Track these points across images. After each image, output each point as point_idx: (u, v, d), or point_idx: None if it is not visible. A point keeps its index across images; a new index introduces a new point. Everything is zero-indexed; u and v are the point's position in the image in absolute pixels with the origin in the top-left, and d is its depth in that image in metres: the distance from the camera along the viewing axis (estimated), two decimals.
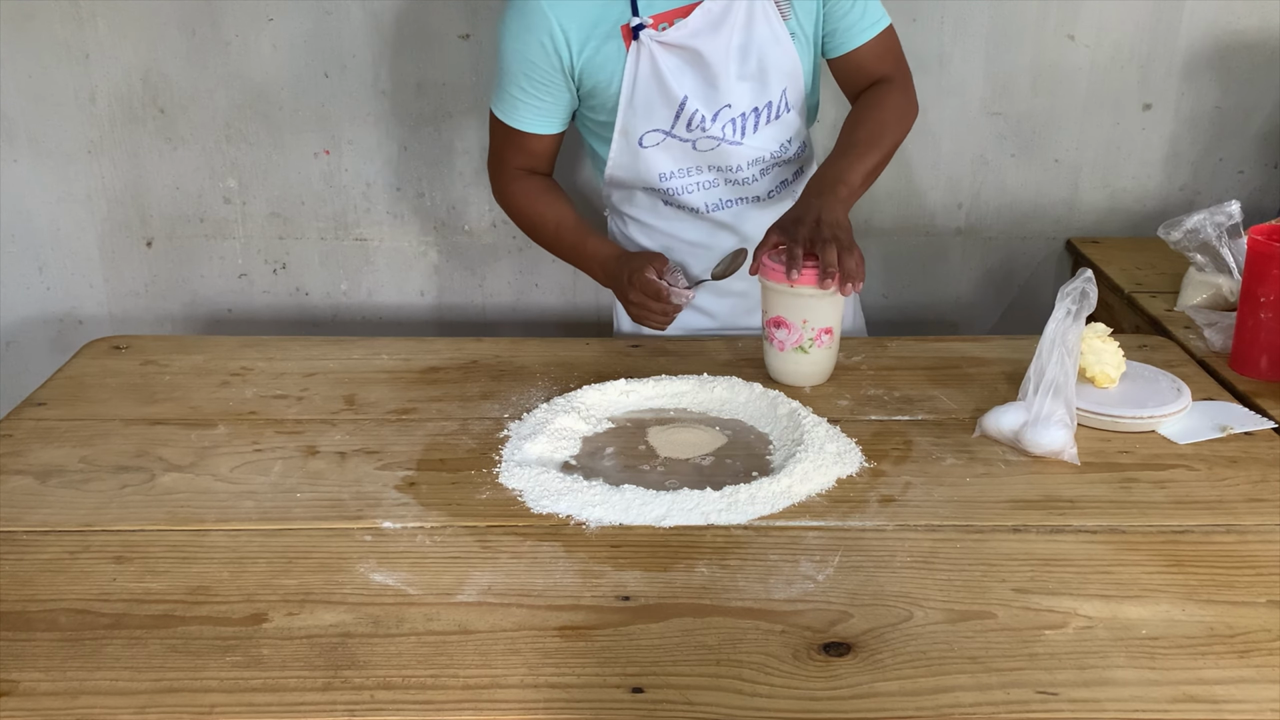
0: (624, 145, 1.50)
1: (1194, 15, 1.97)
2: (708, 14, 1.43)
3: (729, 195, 1.56)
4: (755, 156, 1.53)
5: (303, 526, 1.10)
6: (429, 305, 2.16)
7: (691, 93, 1.45)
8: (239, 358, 1.50)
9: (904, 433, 1.29)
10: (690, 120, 1.47)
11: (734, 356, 1.49)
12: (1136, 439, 1.27)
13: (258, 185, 2.06)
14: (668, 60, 1.43)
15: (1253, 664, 0.90)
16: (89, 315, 2.15)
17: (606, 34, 1.42)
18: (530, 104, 1.49)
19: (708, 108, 1.47)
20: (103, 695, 0.87)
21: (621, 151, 1.51)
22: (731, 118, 1.49)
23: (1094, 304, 1.21)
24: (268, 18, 1.94)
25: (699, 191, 1.56)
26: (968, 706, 0.86)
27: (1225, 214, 1.65)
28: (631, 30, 1.42)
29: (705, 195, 1.56)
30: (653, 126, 1.48)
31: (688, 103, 1.45)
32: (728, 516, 1.10)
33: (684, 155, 1.51)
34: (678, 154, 1.51)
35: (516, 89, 1.48)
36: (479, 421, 1.32)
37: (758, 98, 1.49)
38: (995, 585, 1.00)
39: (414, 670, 0.90)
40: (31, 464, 1.22)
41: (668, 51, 1.43)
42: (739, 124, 1.49)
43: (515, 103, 1.50)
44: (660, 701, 0.87)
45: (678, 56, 1.44)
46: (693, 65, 1.45)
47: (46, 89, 1.99)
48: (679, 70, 1.44)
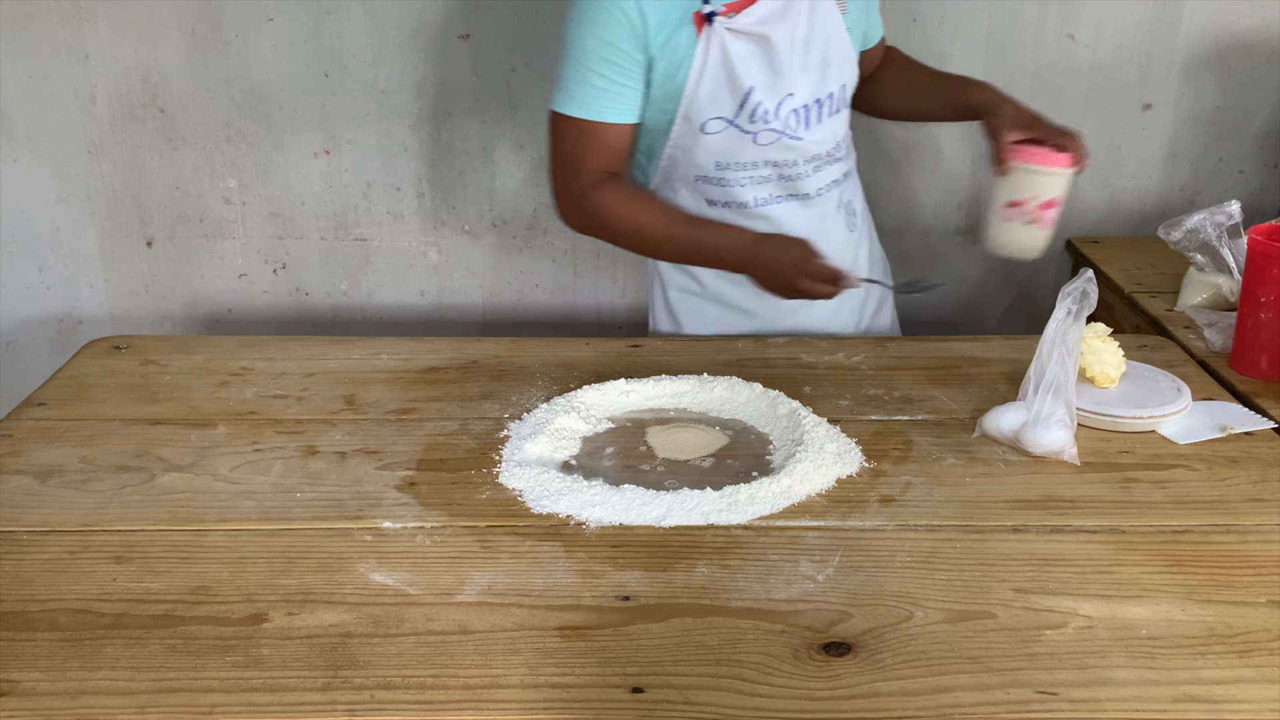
0: (685, 130, 1.48)
1: (1194, 15, 1.97)
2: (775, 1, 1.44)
3: (779, 191, 1.54)
4: (813, 153, 1.53)
5: (303, 526, 1.10)
6: (429, 305, 2.16)
7: (758, 83, 1.45)
8: (239, 358, 1.50)
9: (904, 433, 1.29)
10: (754, 111, 1.46)
11: (734, 356, 1.49)
12: (1136, 439, 1.27)
13: (258, 185, 2.06)
14: (737, 48, 1.43)
15: (1253, 664, 0.90)
16: (89, 315, 2.15)
17: (680, 20, 1.41)
18: (611, 90, 1.43)
19: (771, 98, 1.47)
20: (103, 695, 0.87)
21: (682, 135, 1.49)
22: (794, 108, 1.49)
23: (1094, 304, 1.21)
24: (268, 18, 1.94)
25: (750, 186, 1.54)
26: (968, 706, 0.86)
27: (1225, 214, 1.65)
28: (704, 17, 1.41)
29: (755, 190, 1.54)
30: (716, 114, 1.47)
31: (753, 94, 1.45)
32: (728, 516, 1.10)
33: (742, 147, 1.50)
34: (736, 145, 1.50)
35: (595, 76, 1.42)
36: (479, 421, 1.32)
37: (819, 89, 1.50)
38: (995, 585, 1.00)
39: (414, 670, 0.90)
40: (31, 464, 1.22)
41: (737, 39, 1.43)
42: (801, 115, 1.50)
43: (594, 92, 1.43)
44: (660, 701, 0.87)
45: (746, 44, 1.44)
46: (761, 53, 1.45)
47: (46, 89, 1.99)
48: (747, 59, 1.44)
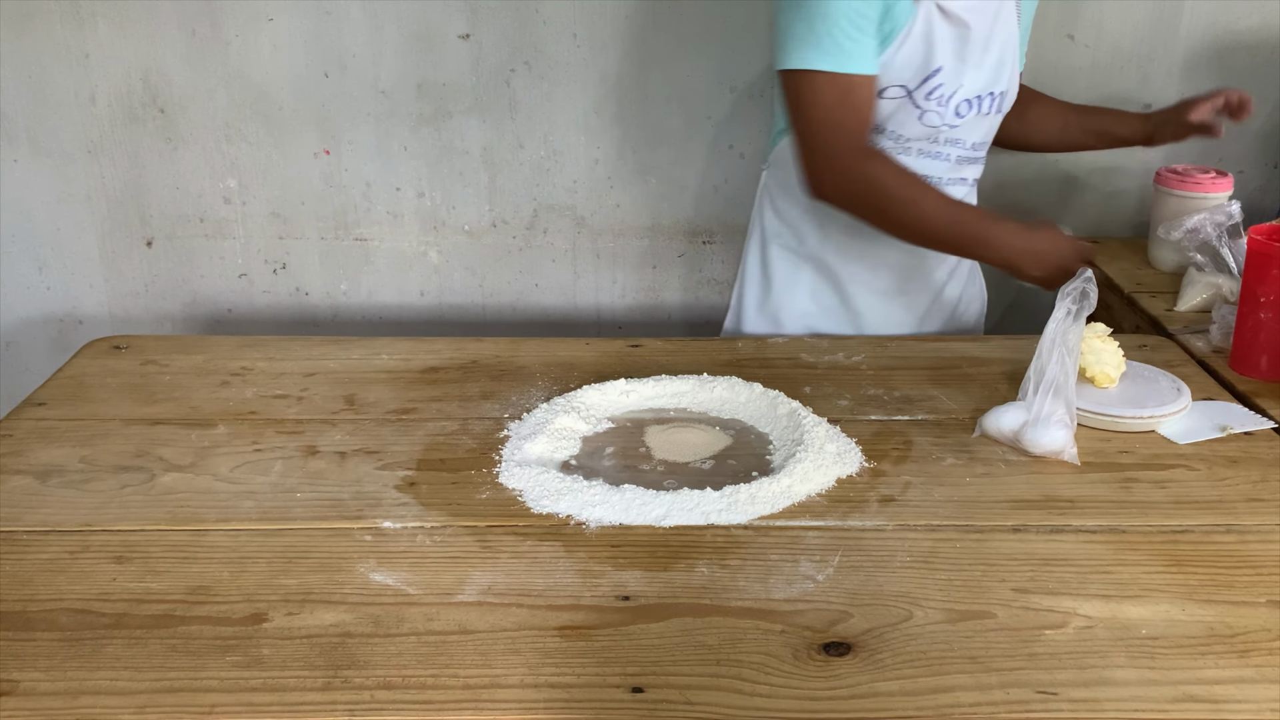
0: None
1: (1194, 15, 1.97)
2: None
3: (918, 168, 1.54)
4: (961, 143, 1.54)
5: (303, 526, 1.10)
6: (429, 305, 2.17)
7: (947, 65, 1.46)
8: (239, 358, 1.50)
9: (904, 433, 1.29)
10: (932, 91, 1.47)
11: (734, 356, 1.49)
12: (1136, 439, 1.27)
13: (258, 185, 2.06)
14: (941, 27, 1.44)
15: (1253, 664, 0.90)
16: (89, 315, 2.15)
17: None
18: (860, 40, 1.40)
19: (952, 83, 1.48)
20: (103, 695, 0.87)
21: None
22: (966, 97, 1.50)
23: (1094, 304, 1.21)
24: (268, 18, 1.94)
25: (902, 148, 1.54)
26: (968, 706, 0.86)
27: (1225, 214, 1.65)
28: None
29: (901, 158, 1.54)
30: (899, 82, 1.47)
31: (938, 74, 1.46)
32: (728, 516, 1.10)
33: (907, 120, 1.50)
34: (902, 115, 1.50)
35: (847, 26, 1.38)
36: (479, 421, 1.32)
37: (991, 84, 1.52)
38: (995, 585, 1.00)
39: (414, 670, 0.90)
40: (31, 464, 1.22)
41: (942, 19, 1.44)
42: (973, 104, 1.51)
43: (848, 44, 1.39)
44: (660, 701, 0.87)
45: (949, 26, 1.45)
46: (958, 38, 1.46)
47: (46, 89, 1.99)
48: (946, 39, 1.45)
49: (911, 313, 1.67)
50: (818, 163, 1.44)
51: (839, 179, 1.43)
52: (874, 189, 1.42)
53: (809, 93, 1.41)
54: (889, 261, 1.63)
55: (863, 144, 1.44)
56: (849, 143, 1.42)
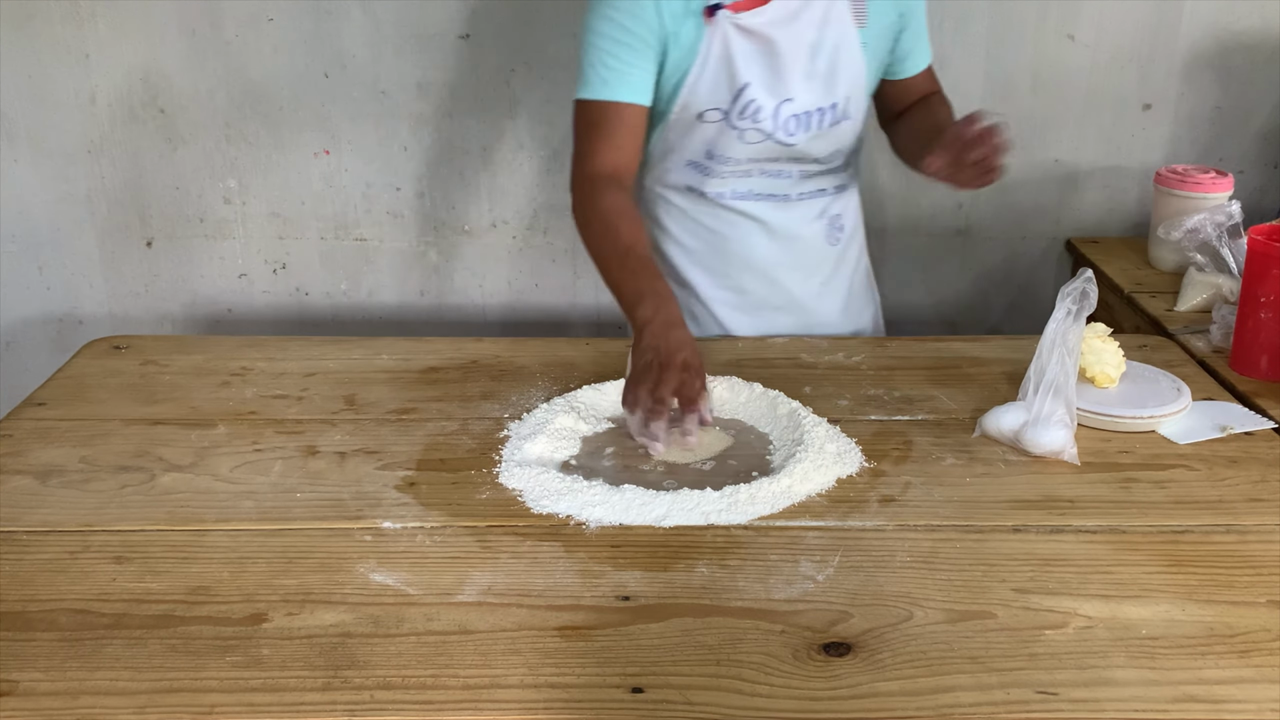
0: (683, 117, 1.50)
1: (1194, 15, 1.97)
2: (787, 5, 1.44)
3: (759, 189, 1.56)
4: (804, 158, 1.54)
5: (303, 526, 1.10)
6: (429, 305, 2.17)
7: (755, 80, 1.46)
8: (239, 358, 1.50)
9: (904, 433, 1.29)
10: (746, 108, 1.47)
11: (734, 356, 1.49)
12: (1136, 439, 1.27)
13: (258, 185, 2.06)
14: (740, 45, 1.44)
15: (1253, 664, 0.90)
16: (89, 315, 2.15)
17: (692, 10, 1.43)
18: (623, 70, 1.44)
19: (770, 98, 1.47)
20: (103, 695, 0.87)
21: (680, 122, 1.51)
22: (794, 113, 1.49)
23: (1094, 304, 1.21)
24: (268, 18, 1.94)
25: (731, 179, 1.55)
26: (968, 706, 0.86)
27: (1225, 214, 1.65)
28: (709, 9, 1.42)
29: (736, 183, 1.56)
30: (714, 105, 1.48)
31: (748, 89, 1.46)
32: (728, 516, 1.10)
33: (730, 142, 1.51)
34: (725, 138, 1.51)
35: (609, 58, 1.44)
36: (479, 421, 1.32)
37: (822, 98, 1.50)
38: (995, 585, 1.00)
39: (414, 670, 0.90)
40: (31, 464, 1.22)
41: (741, 36, 1.44)
42: (802, 120, 1.50)
43: (607, 73, 1.44)
44: (660, 701, 0.87)
45: (750, 43, 1.45)
46: (763, 54, 1.46)
47: (46, 89, 1.99)
48: (748, 56, 1.45)
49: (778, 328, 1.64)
50: (571, 186, 1.49)
51: (575, 205, 1.48)
52: (587, 220, 1.45)
53: (574, 122, 1.48)
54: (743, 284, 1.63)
55: (600, 175, 1.45)
56: (588, 172, 1.46)
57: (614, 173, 1.46)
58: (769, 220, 1.58)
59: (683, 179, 1.58)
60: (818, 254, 1.63)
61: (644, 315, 1.31)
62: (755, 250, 1.60)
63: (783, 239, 1.60)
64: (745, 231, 1.59)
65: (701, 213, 1.60)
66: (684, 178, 1.58)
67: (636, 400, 1.23)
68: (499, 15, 1.95)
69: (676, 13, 1.43)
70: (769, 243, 1.60)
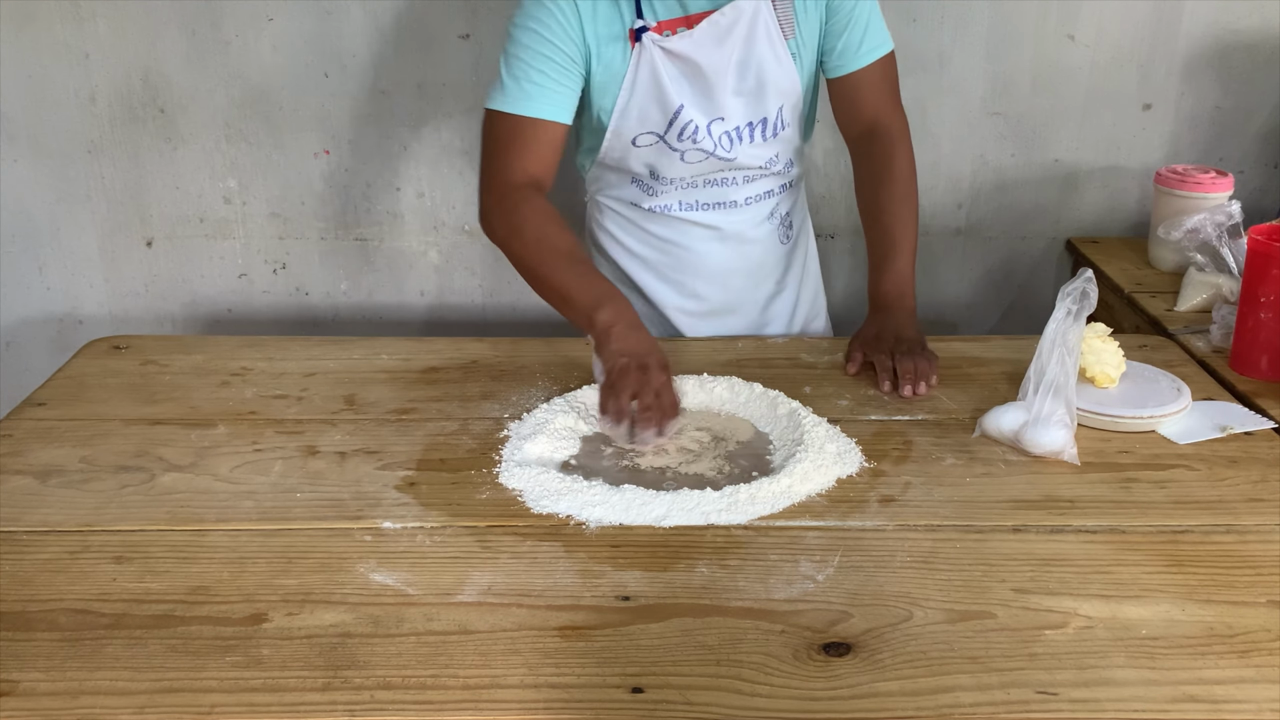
0: (616, 142, 1.50)
1: (1194, 15, 1.97)
2: (714, 27, 1.43)
3: (706, 199, 1.56)
4: (745, 166, 1.54)
5: (303, 526, 1.10)
6: (429, 305, 2.16)
7: (688, 101, 1.46)
8: (239, 358, 1.50)
9: (904, 433, 1.29)
10: (683, 130, 1.47)
11: (734, 356, 1.49)
12: (1136, 439, 1.27)
13: (258, 185, 2.06)
14: (668, 68, 1.44)
15: (1253, 664, 0.90)
16: (89, 315, 2.15)
17: (616, 35, 1.43)
18: (546, 86, 1.41)
19: (703, 117, 1.47)
20: (103, 695, 0.87)
21: (614, 147, 1.51)
22: (726, 130, 1.49)
23: (1094, 304, 1.21)
24: (268, 18, 1.94)
25: (676, 191, 1.55)
26: (968, 706, 0.86)
27: (1225, 214, 1.65)
28: (635, 33, 1.42)
29: (683, 195, 1.56)
30: (647, 129, 1.48)
31: (683, 111, 1.45)
32: (728, 516, 1.10)
33: (671, 162, 1.52)
34: (665, 159, 1.51)
35: (533, 73, 1.40)
36: (479, 421, 1.32)
37: (753, 112, 1.49)
38: (995, 585, 1.00)
39: (414, 670, 0.90)
40: (31, 464, 1.22)
41: (669, 59, 1.43)
42: (734, 136, 1.49)
43: (530, 88, 1.41)
44: (660, 701, 0.87)
45: (677, 65, 1.44)
46: (690, 76, 1.45)
47: (46, 89, 1.99)
48: (677, 79, 1.45)
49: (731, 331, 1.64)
50: (480, 199, 1.45)
51: (493, 217, 1.43)
52: (514, 228, 1.41)
53: (486, 129, 1.45)
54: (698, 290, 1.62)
55: (519, 184, 1.42)
56: (504, 182, 1.43)
57: (533, 181, 1.43)
58: (721, 226, 1.58)
59: (628, 195, 1.58)
60: (772, 255, 1.64)
61: (605, 319, 1.30)
62: (709, 258, 1.60)
63: (736, 243, 1.60)
64: (697, 239, 1.59)
65: (651, 223, 1.60)
66: (629, 194, 1.58)
67: (621, 409, 1.22)
68: (499, 15, 1.95)
69: (601, 35, 1.42)
70: (722, 248, 1.60)
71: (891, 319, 1.47)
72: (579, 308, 1.34)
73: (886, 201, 1.54)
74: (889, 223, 1.53)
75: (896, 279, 1.50)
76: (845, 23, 1.49)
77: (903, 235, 1.52)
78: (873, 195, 1.56)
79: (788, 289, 1.68)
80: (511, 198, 1.42)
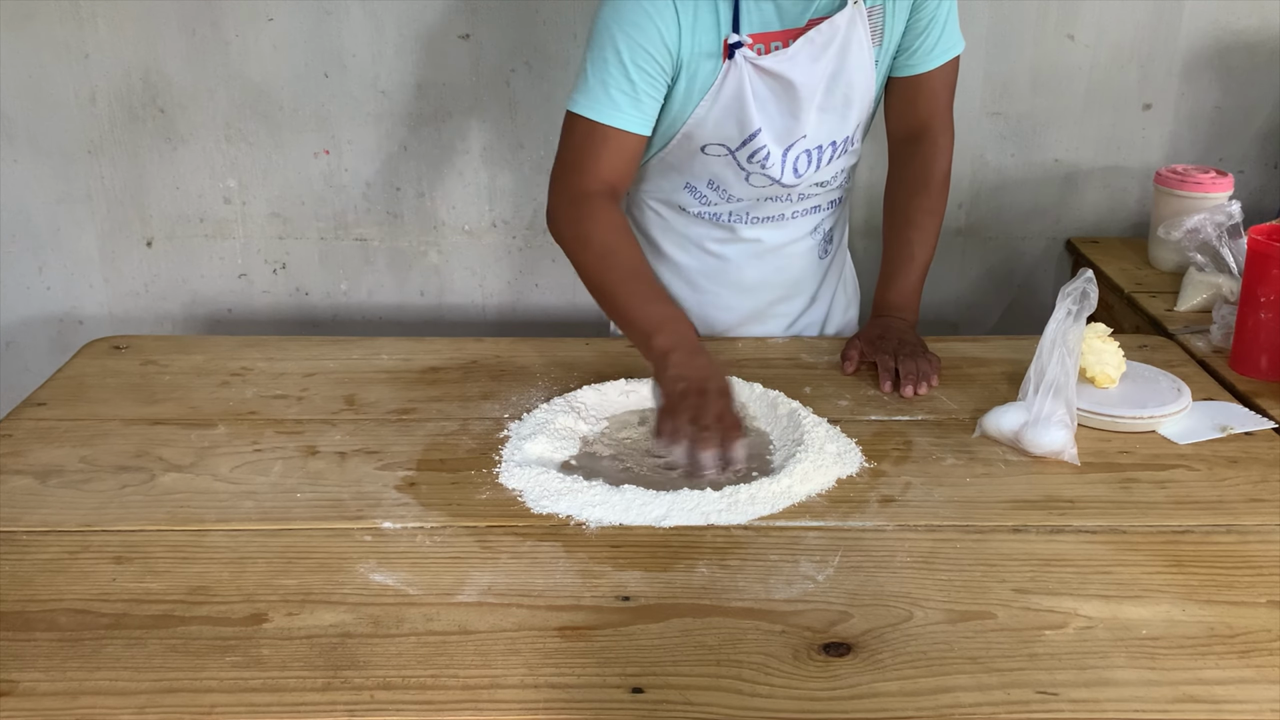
0: (684, 146, 1.45)
1: (1194, 15, 1.97)
2: (811, 45, 1.37)
3: (757, 214, 1.53)
4: (803, 190, 1.51)
5: (303, 526, 1.10)
6: (429, 305, 2.17)
7: (766, 125, 1.40)
8: (239, 358, 1.50)
9: (904, 433, 1.29)
10: (754, 154, 1.42)
11: (734, 356, 1.49)
12: (1137, 439, 1.27)
13: (258, 185, 2.06)
14: (756, 85, 1.37)
15: (1253, 664, 0.90)
16: (89, 315, 2.15)
17: (712, 49, 1.36)
18: (633, 98, 1.35)
19: (779, 142, 1.42)
20: (103, 695, 0.87)
21: (681, 150, 1.46)
22: (805, 149, 1.44)
23: (1094, 304, 1.21)
24: (268, 18, 1.94)
25: (730, 203, 1.52)
26: (968, 707, 0.86)
27: (1225, 214, 1.65)
28: (729, 47, 1.35)
29: (733, 206, 1.52)
30: (719, 141, 1.43)
31: (759, 136, 1.40)
32: (728, 516, 1.10)
33: (735, 178, 1.47)
34: (730, 173, 1.47)
35: (621, 81, 1.34)
36: (479, 421, 1.32)
37: (836, 132, 1.45)
38: (995, 585, 1.00)
39: (414, 670, 0.90)
40: (31, 464, 1.22)
41: (759, 75, 1.37)
42: (811, 157, 1.45)
43: (618, 97, 1.34)
44: (660, 701, 0.87)
45: (766, 83, 1.38)
46: (779, 93, 1.39)
47: (46, 89, 1.99)
48: (764, 98, 1.38)
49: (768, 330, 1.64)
50: (551, 199, 1.42)
51: (561, 222, 1.40)
52: (583, 240, 1.37)
53: (565, 131, 1.39)
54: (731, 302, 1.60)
55: (593, 192, 1.37)
56: (579, 188, 1.38)
57: (608, 189, 1.39)
58: (764, 239, 1.56)
59: (677, 199, 1.54)
60: (809, 269, 1.61)
61: (664, 343, 1.26)
62: (747, 270, 1.58)
63: (775, 257, 1.57)
64: (739, 251, 1.57)
65: (694, 230, 1.56)
66: (679, 198, 1.54)
67: (677, 430, 1.17)
68: (499, 15, 1.95)
69: (698, 49, 1.35)
70: (761, 262, 1.57)
71: (895, 324, 1.47)
72: (638, 330, 1.30)
73: (914, 211, 1.53)
74: (911, 234, 1.52)
75: (905, 290, 1.51)
76: (927, 22, 1.44)
77: (921, 249, 1.52)
78: (903, 201, 1.55)
79: (819, 302, 1.66)
80: (583, 205, 1.37)
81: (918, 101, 1.51)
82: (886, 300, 1.51)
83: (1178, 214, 1.73)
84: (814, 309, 1.66)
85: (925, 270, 1.53)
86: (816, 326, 1.67)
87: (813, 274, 1.63)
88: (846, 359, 1.44)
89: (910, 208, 1.53)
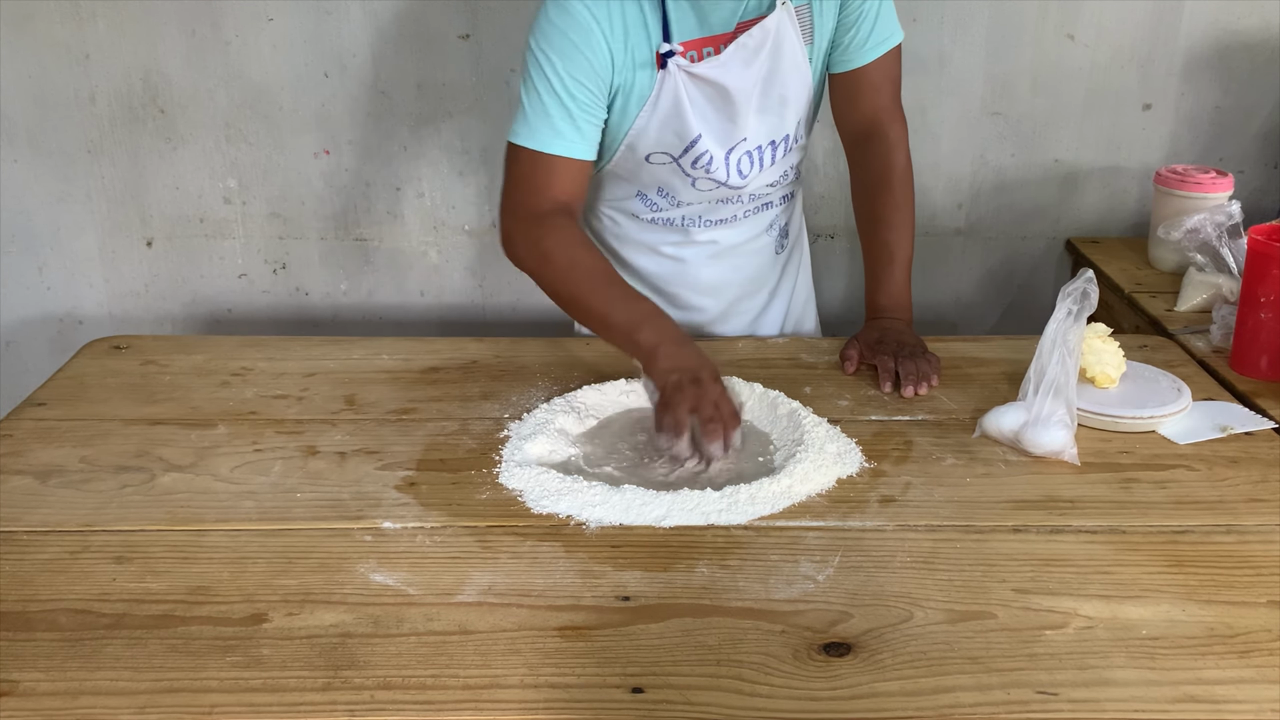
0: (629, 156, 1.46)
1: (1194, 15, 1.97)
2: (742, 49, 1.37)
3: (711, 216, 1.54)
4: (753, 190, 1.52)
5: (303, 526, 1.10)
6: (429, 305, 2.17)
7: (706, 131, 1.41)
8: (239, 358, 1.50)
9: (904, 433, 1.29)
10: (697, 159, 1.43)
11: (734, 356, 1.49)
12: (1137, 439, 1.27)
13: (258, 185, 2.06)
14: (692, 92, 1.38)
15: (1253, 664, 0.90)
16: (89, 315, 2.15)
17: (644, 61, 1.37)
18: (573, 125, 1.36)
19: (720, 145, 1.43)
20: (103, 695, 0.87)
21: (626, 161, 1.47)
22: (746, 150, 1.45)
23: (1095, 304, 1.21)
24: (268, 18, 1.94)
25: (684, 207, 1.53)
26: (968, 707, 0.86)
27: (1225, 214, 1.65)
28: (662, 57, 1.36)
29: (687, 210, 1.53)
30: (662, 149, 1.44)
31: (700, 141, 1.41)
32: (728, 516, 1.10)
33: (682, 184, 1.49)
34: (677, 180, 1.48)
35: (560, 109, 1.35)
36: (479, 421, 1.32)
37: (775, 130, 1.46)
38: (995, 585, 1.00)
39: (414, 670, 0.90)
40: (31, 464, 1.22)
41: (693, 83, 1.38)
42: (754, 157, 1.46)
43: (563, 124, 1.36)
44: (660, 701, 0.87)
45: (701, 91, 1.39)
46: (714, 100, 1.40)
47: (46, 89, 1.99)
48: (701, 105, 1.40)
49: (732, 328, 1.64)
50: (505, 224, 1.42)
51: (517, 243, 1.40)
52: (544, 256, 1.37)
53: (509, 161, 1.40)
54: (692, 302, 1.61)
55: (548, 211, 1.37)
56: (533, 209, 1.38)
57: (562, 209, 1.38)
58: (719, 240, 1.57)
59: (630, 207, 1.56)
60: (767, 266, 1.63)
61: (649, 339, 1.27)
62: (705, 271, 1.59)
63: (733, 256, 1.59)
64: (695, 253, 1.58)
65: (650, 236, 1.58)
66: (632, 206, 1.55)
67: (679, 423, 1.19)
68: (499, 15, 1.95)
69: (630, 64, 1.36)
70: (719, 262, 1.59)
71: (891, 325, 1.47)
72: (620, 331, 1.31)
73: (882, 210, 1.53)
74: (885, 234, 1.52)
75: (894, 290, 1.51)
76: (857, 16, 1.45)
77: (899, 245, 1.51)
78: (870, 203, 1.54)
79: (779, 297, 1.68)
80: (540, 224, 1.37)
81: (860, 96, 1.51)
82: (877, 303, 1.51)
83: (1178, 214, 1.73)
84: (774, 304, 1.68)
85: (909, 265, 1.52)
86: (777, 322, 1.69)
87: (771, 269, 1.65)
88: (845, 359, 1.44)
89: (878, 207, 1.53)
